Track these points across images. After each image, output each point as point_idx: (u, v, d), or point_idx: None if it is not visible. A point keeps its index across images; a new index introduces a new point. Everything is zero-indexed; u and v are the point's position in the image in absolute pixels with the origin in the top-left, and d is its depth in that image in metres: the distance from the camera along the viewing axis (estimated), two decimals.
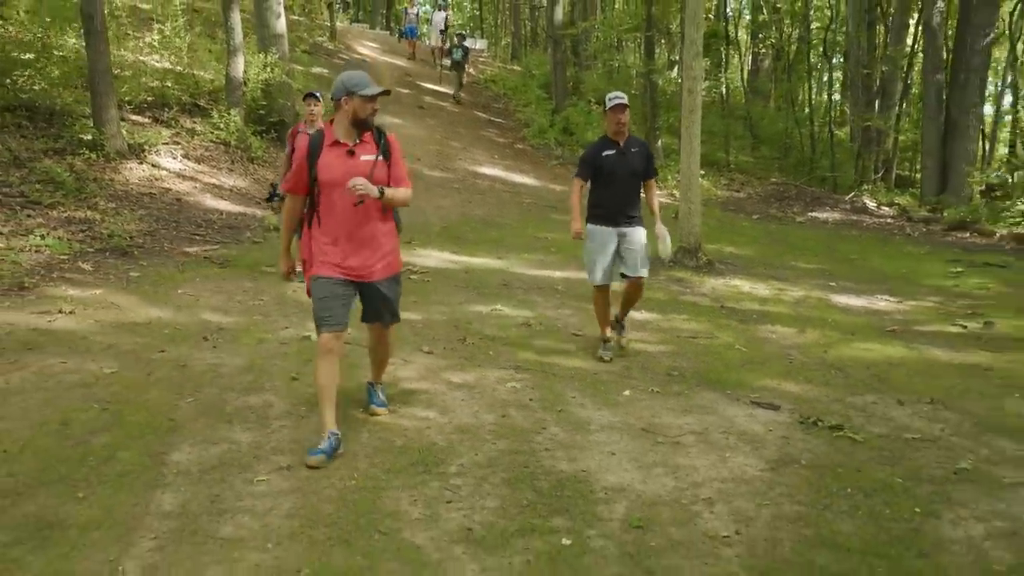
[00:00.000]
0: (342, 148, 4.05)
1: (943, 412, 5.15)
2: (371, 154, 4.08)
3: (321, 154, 4.05)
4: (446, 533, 3.40)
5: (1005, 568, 3.26)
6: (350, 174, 3.96)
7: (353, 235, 4.07)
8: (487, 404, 4.91)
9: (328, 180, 4.01)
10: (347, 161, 4.03)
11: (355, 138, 4.07)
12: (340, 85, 4.03)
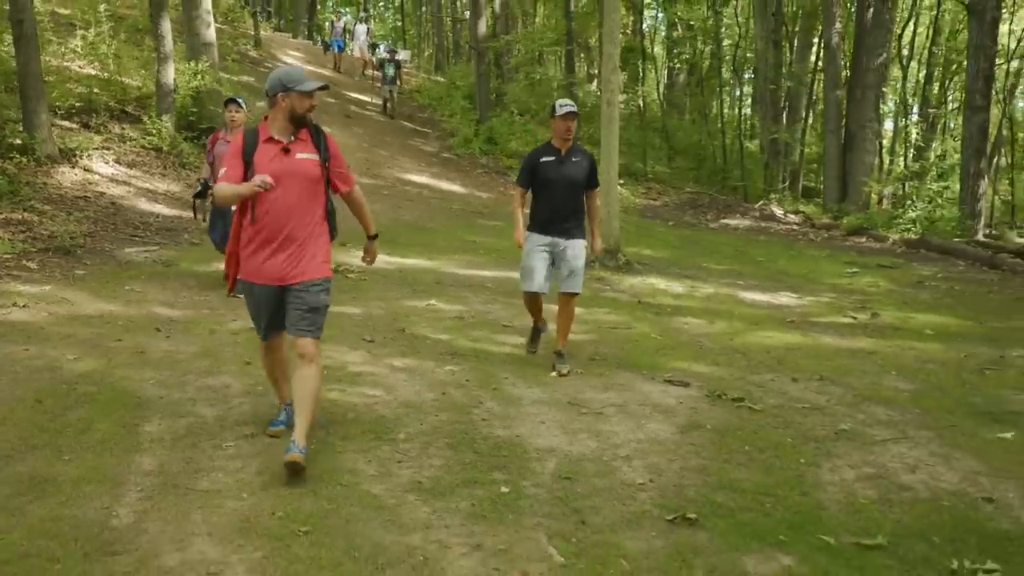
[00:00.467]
0: (277, 145, 3.94)
1: (830, 387, 5.87)
2: (309, 152, 3.99)
3: (256, 151, 3.94)
4: (399, 485, 3.88)
5: (867, 500, 3.93)
6: (285, 171, 3.89)
7: (283, 236, 3.96)
8: (427, 384, 5.41)
9: None
10: (282, 158, 3.92)
11: (290, 135, 3.97)
12: (276, 81, 3.94)
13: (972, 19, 15.67)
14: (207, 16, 14.14)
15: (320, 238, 4.10)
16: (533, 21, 34.46)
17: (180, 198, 11.55)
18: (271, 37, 28.60)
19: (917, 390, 5.89)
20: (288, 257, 3.97)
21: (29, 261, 7.56)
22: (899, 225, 15.55)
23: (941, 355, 6.98)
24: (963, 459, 4.47)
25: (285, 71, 4.03)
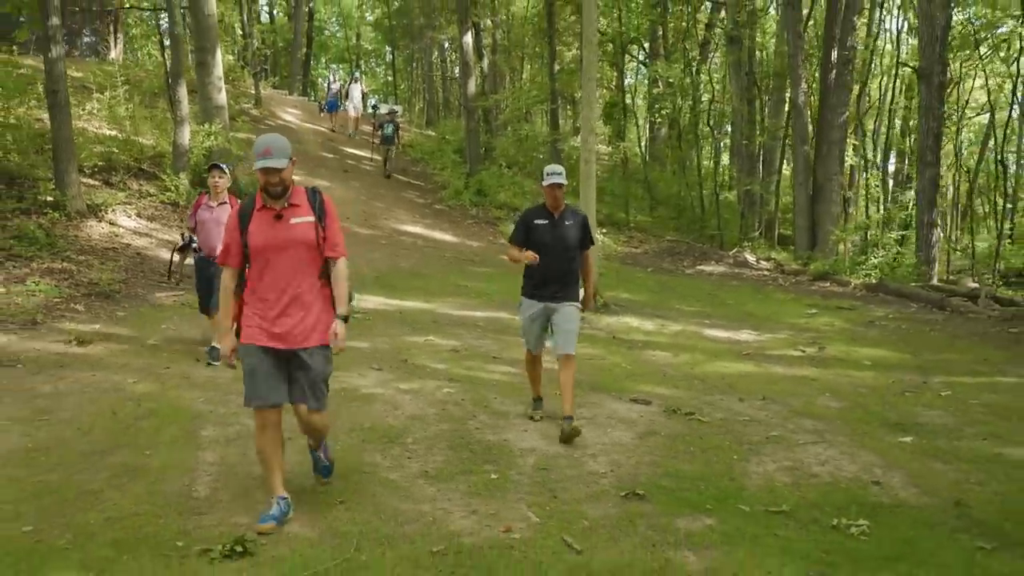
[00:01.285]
0: (269, 212, 3.97)
1: (770, 405, 6.93)
2: (303, 216, 4.00)
3: (251, 220, 3.99)
4: (410, 473, 4.91)
5: (781, 484, 4.97)
6: (280, 238, 3.94)
7: (282, 302, 3.98)
8: (429, 402, 6.44)
9: (256, 246, 3.96)
10: (275, 225, 3.96)
11: (283, 201, 3.99)
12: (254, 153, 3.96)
13: (921, 83, 17.05)
14: (219, 82, 15.37)
15: (322, 300, 4.09)
16: (520, 77, 36.01)
17: None
18: (270, 95, 29.92)
19: (844, 407, 6.96)
20: (293, 322, 3.98)
21: (76, 304, 8.61)
22: (861, 271, 16.73)
23: (872, 381, 8.06)
24: (865, 456, 5.53)
25: (256, 143, 3.98)
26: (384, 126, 21.37)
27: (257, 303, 4.03)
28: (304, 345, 3.99)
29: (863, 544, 4.09)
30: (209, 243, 7.44)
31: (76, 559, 3.57)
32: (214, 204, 7.53)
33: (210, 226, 7.48)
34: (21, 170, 12.65)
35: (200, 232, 7.60)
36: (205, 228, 7.55)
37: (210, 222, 7.50)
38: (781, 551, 3.97)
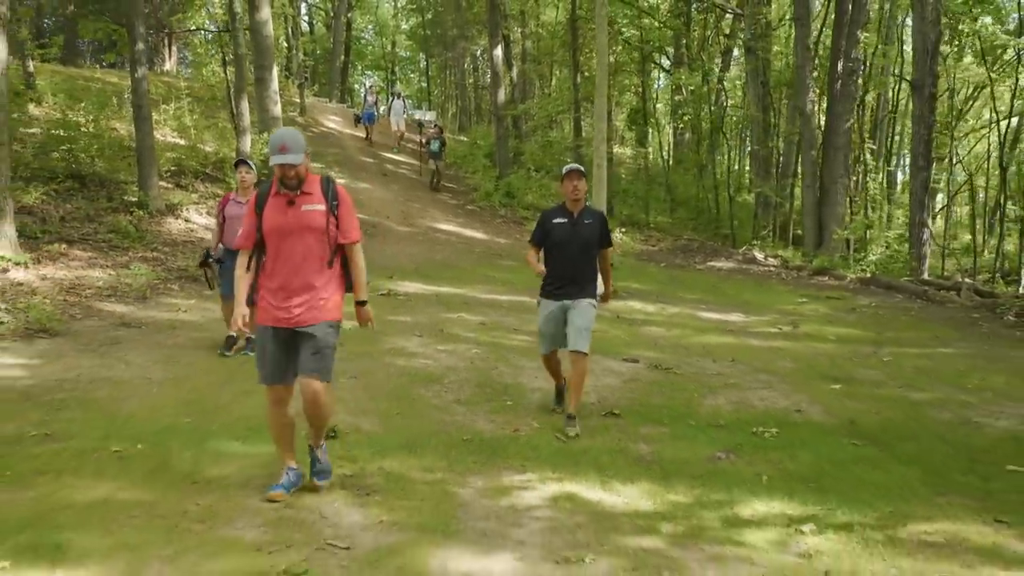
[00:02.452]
0: (283, 198, 4.17)
1: (737, 365, 8.55)
2: (315, 203, 4.18)
3: (266, 204, 4.20)
4: (447, 400, 6.62)
5: (725, 412, 6.61)
6: (290, 223, 4.14)
7: (292, 282, 4.17)
8: (460, 358, 8.15)
9: (269, 228, 4.15)
10: (287, 211, 4.15)
11: (296, 189, 4.18)
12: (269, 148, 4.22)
13: (915, 94, 18.47)
14: (275, 95, 17.26)
15: (331, 284, 4.29)
16: (549, 83, 37.63)
17: None
18: (312, 103, 31.88)
19: (797, 367, 8.57)
20: (300, 303, 4.17)
21: (172, 285, 10.45)
22: (857, 266, 18.18)
23: (830, 351, 9.65)
24: (797, 396, 7.15)
25: (272, 139, 4.20)
26: (431, 141, 22.44)
27: (269, 285, 4.21)
28: (311, 323, 4.17)
29: (769, 440, 5.74)
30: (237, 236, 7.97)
31: (225, 436, 5.33)
32: (242, 200, 7.73)
33: (238, 221, 7.50)
34: (108, 174, 14.57)
35: (228, 227, 7.74)
36: (233, 223, 7.68)
37: (238, 217, 7.61)
38: (709, 443, 5.63)
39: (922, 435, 5.96)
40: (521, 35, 33.94)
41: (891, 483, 4.83)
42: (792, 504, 4.41)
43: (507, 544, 3.84)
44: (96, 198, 13.66)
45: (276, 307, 4.19)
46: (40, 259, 10.29)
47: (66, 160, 13.98)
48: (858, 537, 3.97)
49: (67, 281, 9.80)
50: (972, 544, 3.92)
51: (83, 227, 12.42)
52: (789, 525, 4.12)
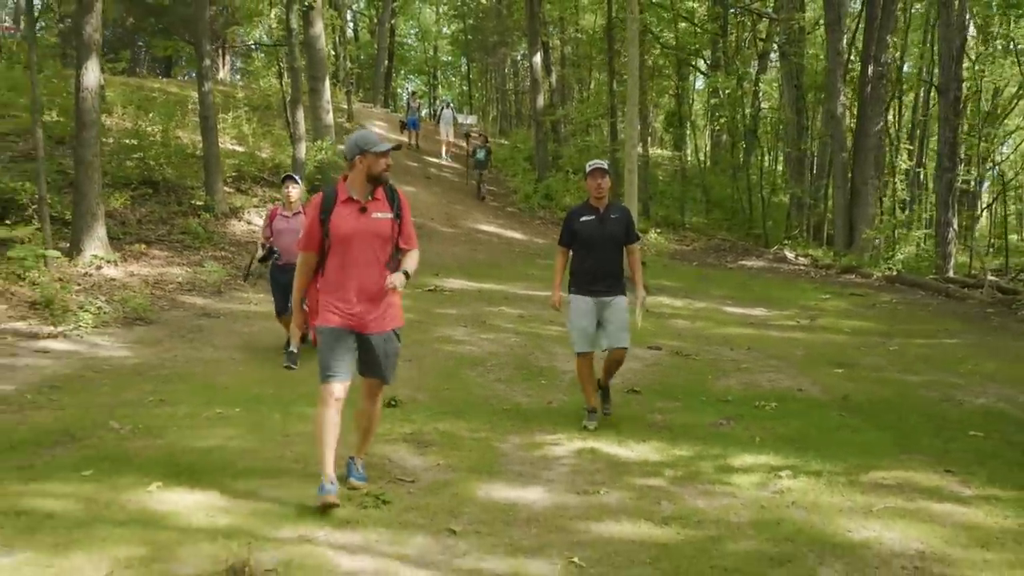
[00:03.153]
0: (355, 205, 4.22)
1: (752, 352, 9.41)
2: (384, 211, 4.29)
3: (334, 210, 4.21)
4: (489, 379, 7.61)
5: (735, 390, 7.51)
6: (361, 230, 4.21)
7: (362, 288, 4.24)
8: (501, 345, 9.13)
9: (341, 235, 4.19)
10: (359, 217, 4.21)
11: (367, 195, 4.26)
12: (352, 145, 4.26)
13: (941, 98, 19.07)
14: (327, 105, 18.43)
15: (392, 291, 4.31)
16: (588, 87, 38.49)
17: None
18: (358, 109, 33.12)
19: (808, 355, 9.40)
20: (367, 309, 4.26)
21: (241, 282, 11.59)
22: (883, 265, 18.81)
23: (842, 341, 10.45)
24: (801, 378, 8.01)
25: (361, 135, 4.32)
26: (477, 151, 23.30)
27: (333, 290, 4.27)
28: (378, 330, 4.29)
29: (767, 412, 6.63)
30: (286, 251, 7.70)
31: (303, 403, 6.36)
32: (289, 214, 7.91)
33: (287, 235, 7.74)
34: (176, 180, 15.82)
35: (277, 241, 7.88)
36: (282, 237, 7.82)
37: (287, 231, 7.79)
38: (715, 413, 6.54)
39: (905, 409, 6.79)
40: (560, 41, 34.87)
41: (865, 443, 5.70)
42: (776, 457, 5.31)
43: (538, 481, 4.81)
44: (167, 202, 14.91)
45: (343, 310, 4.25)
46: (126, 258, 11.51)
47: (139, 167, 15.24)
48: (825, 481, 4.87)
49: (151, 277, 10.99)
50: (918, 486, 4.79)
51: (158, 229, 13.67)
52: (770, 472, 5.02)
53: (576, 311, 6.06)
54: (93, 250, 10.78)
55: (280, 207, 8.05)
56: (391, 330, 4.39)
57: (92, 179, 10.85)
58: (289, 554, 3.60)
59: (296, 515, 4.07)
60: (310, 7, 17.65)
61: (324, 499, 4.09)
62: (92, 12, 10.67)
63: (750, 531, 4.10)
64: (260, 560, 3.45)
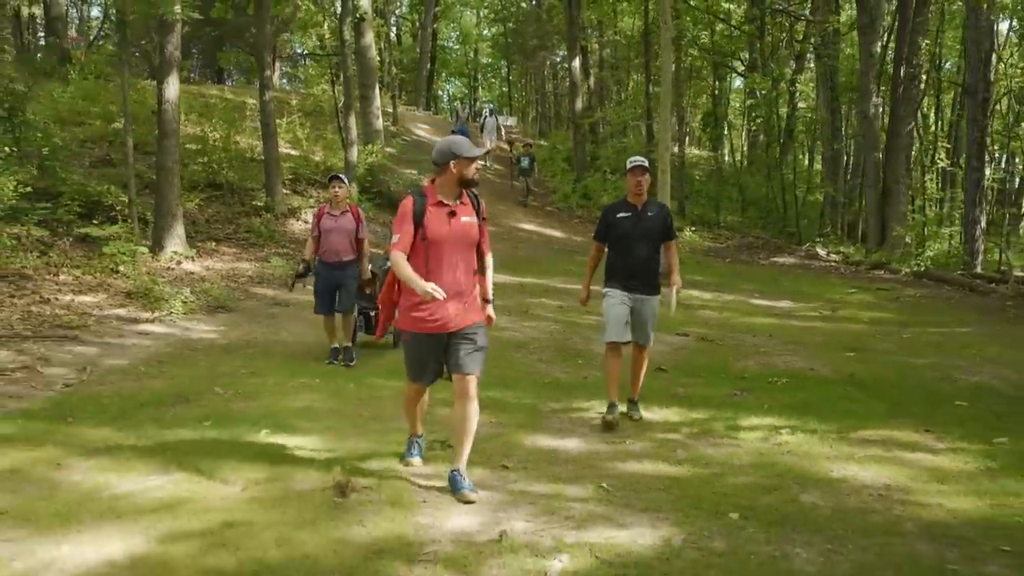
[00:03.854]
0: (445, 208, 4.38)
1: (772, 339, 10.24)
2: (470, 215, 4.45)
3: (426, 213, 4.35)
4: (531, 359, 8.56)
5: (752, 369, 8.37)
6: (453, 232, 4.36)
7: (450, 288, 4.31)
8: (542, 332, 10.07)
9: (434, 238, 4.32)
10: (449, 221, 4.36)
11: (456, 199, 4.42)
12: (445, 150, 4.37)
13: (969, 99, 19.59)
14: (377, 111, 19.55)
15: (476, 288, 4.60)
16: (627, 88, 39.24)
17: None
18: (402, 112, 34.31)
19: (824, 341, 10.21)
20: (456, 308, 4.37)
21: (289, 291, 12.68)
22: (913, 261, 19.39)
23: (859, 330, 11.22)
24: (814, 360, 8.84)
25: (453, 141, 4.44)
26: (521, 159, 23.95)
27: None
28: (464, 325, 4.41)
29: (779, 386, 7.50)
30: (333, 249, 8.02)
31: (374, 375, 7.36)
32: (336, 213, 8.06)
33: (334, 234, 8.02)
34: (238, 182, 17.00)
35: (324, 239, 8.06)
36: (329, 236, 8.02)
37: (334, 230, 8.02)
38: (731, 387, 7.43)
39: (904, 385, 7.61)
40: (599, 44, 35.69)
41: (860, 411, 6.55)
42: (779, 419, 6.19)
43: (575, 435, 5.75)
44: (231, 203, 16.10)
45: (431, 316, 4.35)
46: (200, 254, 12.67)
47: (205, 171, 16.45)
48: (819, 436, 5.74)
49: (224, 271, 12.13)
50: (898, 441, 5.64)
51: (225, 228, 14.84)
52: (772, 430, 5.91)
53: (610, 303, 6.11)
54: (173, 247, 11.93)
55: (328, 206, 8.15)
56: (478, 323, 4.50)
57: (172, 183, 12.01)
58: (379, 477, 4.59)
59: (379, 453, 5.06)
60: (361, 19, 18.76)
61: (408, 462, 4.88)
62: (173, 32, 11.82)
63: (748, 470, 5.01)
64: (357, 480, 4.45)
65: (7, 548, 3.55)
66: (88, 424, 5.51)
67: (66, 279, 10.15)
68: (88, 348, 7.92)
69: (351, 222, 8.06)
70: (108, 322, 8.93)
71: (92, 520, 3.89)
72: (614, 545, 3.81)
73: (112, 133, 17.27)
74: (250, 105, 22.43)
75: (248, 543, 3.69)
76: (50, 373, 6.98)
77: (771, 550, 3.79)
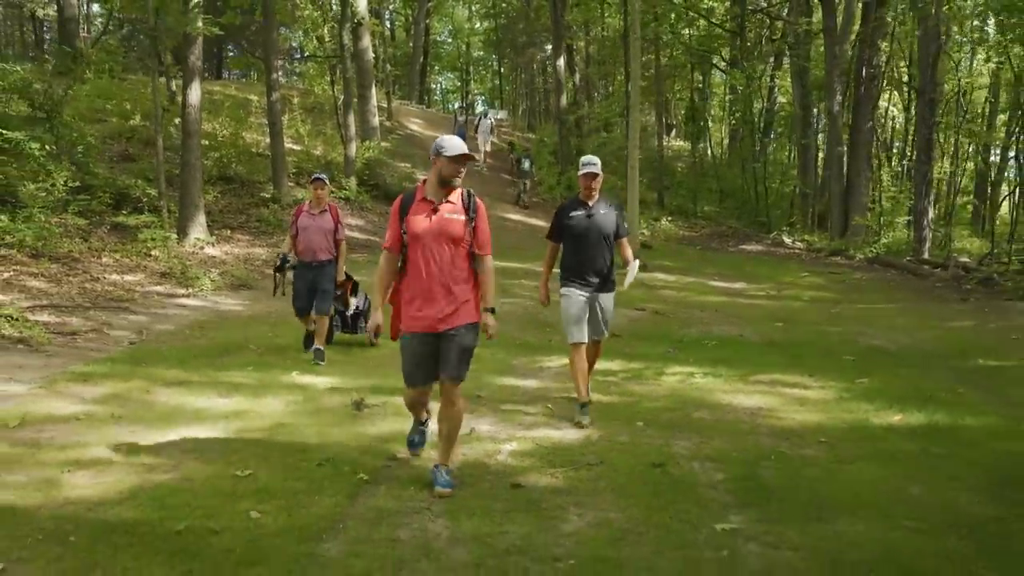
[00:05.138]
0: (428, 205, 4.33)
1: (718, 313, 11.92)
2: (456, 213, 4.36)
3: (411, 209, 4.36)
4: (508, 328, 10.15)
5: (692, 335, 10.04)
6: (433, 229, 4.30)
7: (433, 287, 4.30)
8: (519, 307, 11.70)
9: (414, 233, 4.31)
10: (431, 216, 4.30)
11: (441, 197, 4.36)
12: (435, 146, 4.35)
13: (919, 99, 21.28)
14: (374, 109, 21.13)
15: (468, 284, 4.44)
16: (613, 82, 40.75)
17: (366, 228, 18.33)
18: (396, 107, 35.82)
19: (761, 315, 11.88)
20: (441, 308, 4.31)
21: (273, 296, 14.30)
22: (866, 248, 21.09)
23: (797, 306, 12.91)
24: (746, 329, 10.52)
25: (443, 139, 4.39)
26: (523, 160, 25.20)
27: (409, 290, 4.37)
28: (452, 326, 4.33)
29: (708, 346, 9.18)
30: (310, 247, 7.91)
31: None
32: (315, 212, 7.93)
33: (311, 232, 7.89)
34: (246, 176, 18.58)
35: (301, 237, 7.94)
36: (307, 234, 7.90)
37: (312, 229, 7.89)
38: (668, 347, 9.08)
39: (811, 346, 9.28)
40: (585, 42, 37.24)
41: (764, 362, 8.22)
42: (697, 368, 7.85)
43: (535, 377, 7.43)
44: (241, 195, 17.70)
45: (418, 313, 4.33)
46: (218, 240, 14.27)
47: (216, 165, 18.02)
48: (723, 379, 7.41)
49: (241, 255, 13.75)
50: (783, 382, 7.31)
51: (237, 217, 16.44)
52: (689, 375, 7.57)
53: (568, 302, 6.16)
54: (196, 234, 13.54)
55: (307, 205, 8.03)
56: (465, 324, 4.38)
57: (195, 177, 13.61)
58: (384, 400, 6.25)
59: (383, 387, 6.71)
60: (359, 24, 20.32)
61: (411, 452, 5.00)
62: (195, 44, 13.40)
63: (661, 399, 6.69)
64: (368, 401, 6.11)
65: (133, 435, 5.20)
66: (159, 367, 7.18)
67: (108, 261, 11.75)
68: (139, 316, 9.57)
69: (329, 222, 7.97)
70: (151, 296, 10.57)
71: (185, 421, 5.55)
72: (549, 438, 5.48)
73: (129, 130, 18.85)
74: (253, 102, 23.98)
75: (297, 433, 5.36)
76: (115, 334, 8.63)
77: (660, 442, 5.45)
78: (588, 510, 4.22)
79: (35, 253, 10.96)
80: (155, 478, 4.47)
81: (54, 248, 11.38)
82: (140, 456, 4.83)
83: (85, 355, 7.65)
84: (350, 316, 8.79)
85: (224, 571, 3.45)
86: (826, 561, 3.70)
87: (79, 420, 5.54)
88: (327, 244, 7.98)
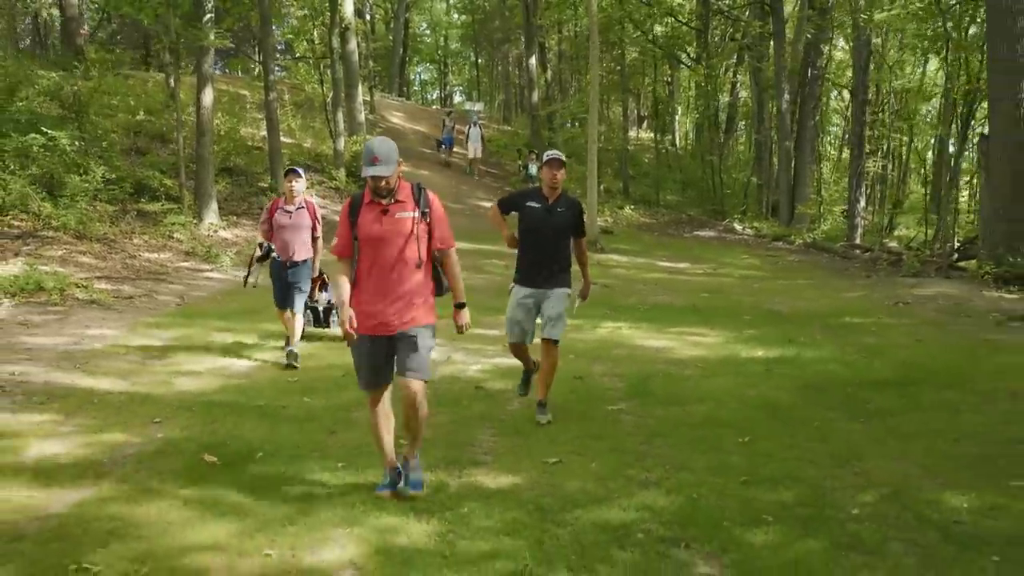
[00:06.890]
0: (377, 207, 4.28)
1: (657, 287, 14.12)
2: (407, 211, 4.32)
3: (360, 213, 4.31)
4: (479, 298, 12.32)
5: (634, 304, 12.25)
6: (385, 231, 4.27)
7: (387, 289, 4.29)
8: (489, 281, 13.83)
9: (365, 237, 4.28)
10: (381, 218, 4.28)
11: (390, 198, 4.29)
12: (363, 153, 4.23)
13: (853, 100, 23.62)
14: (360, 105, 23.15)
15: (424, 288, 4.42)
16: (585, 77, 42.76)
17: None
18: (378, 100, 37.73)
19: (693, 288, 14.10)
20: (396, 310, 4.30)
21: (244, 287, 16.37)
22: (808, 234, 23.43)
23: (727, 282, 15.16)
24: (676, 298, 12.73)
25: (366, 147, 4.27)
26: (529, 166, 25.94)
27: (363, 293, 4.33)
28: (407, 327, 4.30)
29: (640, 311, 11.37)
30: (285, 247, 7.62)
31: None
32: (291, 208, 7.62)
33: (287, 231, 7.59)
34: (245, 167, 20.57)
35: (277, 236, 7.63)
36: (282, 233, 7.60)
37: (288, 227, 7.59)
38: (607, 310, 11.27)
39: (723, 309, 11.51)
40: (557, 40, 39.32)
41: (681, 320, 10.44)
42: (625, 323, 10.05)
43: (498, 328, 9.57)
44: (241, 184, 19.71)
45: (372, 315, 4.29)
46: (228, 225, 16.31)
47: (217, 157, 19.97)
48: (643, 330, 9.61)
49: (249, 238, 15.80)
50: (689, 332, 9.53)
51: (240, 205, 18.47)
52: (617, 328, 9.77)
53: (514, 303, 6.05)
54: (210, 219, 15.57)
55: (282, 200, 7.71)
56: (421, 325, 4.34)
57: (208, 170, 15.63)
58: None
59: None
60: (347, 28, 22.32)
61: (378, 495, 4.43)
62: (208, 54, 15.40)
63: (591, 343, 8.89)
64: None
65: (201, 364, 7.33)
66: (208, 320, 9.30)
67: (138, 242, 13.77)
68: (176, 286, 11.64)
69: (306, 219, 7.76)
70: (181, 271, 12.63)
71: (243, 351, 7.68)
72: (503, 363, 7.68)
73: (136, 124, 20.76)
74: (245, 96, 25.94)
75: (322, 359, 7.51)
76: (161, 299, 10.70)
77: (583, 365, 7.66)
78: (525, 400, 6.41)
79: (78, 235, 12.94)
80: (233, 382, 6.63)
81: (92, 231, 13.37)
82: (218, 370, 6.97)
83: (146, 312, 9.75)
84: (322, 311, 8.87)
85: (295, 423, 5.62)
86: (673, 423, 5.92)
87: (164, 350, 7.66)
88: (303, 244, 7.74)
